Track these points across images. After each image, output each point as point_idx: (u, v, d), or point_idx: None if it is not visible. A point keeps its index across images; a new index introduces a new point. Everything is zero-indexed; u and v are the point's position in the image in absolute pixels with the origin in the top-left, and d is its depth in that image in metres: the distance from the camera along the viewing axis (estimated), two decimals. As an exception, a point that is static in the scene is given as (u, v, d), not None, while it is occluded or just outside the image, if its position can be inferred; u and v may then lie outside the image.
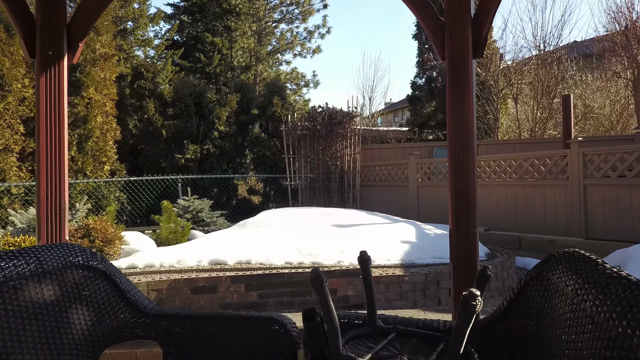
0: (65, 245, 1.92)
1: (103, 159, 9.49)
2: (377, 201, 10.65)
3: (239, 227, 6.84)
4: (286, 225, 6.67)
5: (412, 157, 9.68)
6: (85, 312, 1.96)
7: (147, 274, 4.77)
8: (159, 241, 7.27)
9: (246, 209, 11.26)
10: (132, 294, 2.16)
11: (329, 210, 7.50)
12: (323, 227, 6.64)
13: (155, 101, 10.68)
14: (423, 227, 6.97)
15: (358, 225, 6.84)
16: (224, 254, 5.32)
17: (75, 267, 1.96)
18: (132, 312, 2.14)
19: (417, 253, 5.70)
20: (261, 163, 11.49)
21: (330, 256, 5.43)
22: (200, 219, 8.09)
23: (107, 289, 2.12)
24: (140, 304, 2.13)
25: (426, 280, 4.98)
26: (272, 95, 11.55)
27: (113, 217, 6.69)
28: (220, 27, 14.92)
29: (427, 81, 14.17)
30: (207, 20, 15.02)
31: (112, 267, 2.12)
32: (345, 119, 10.73)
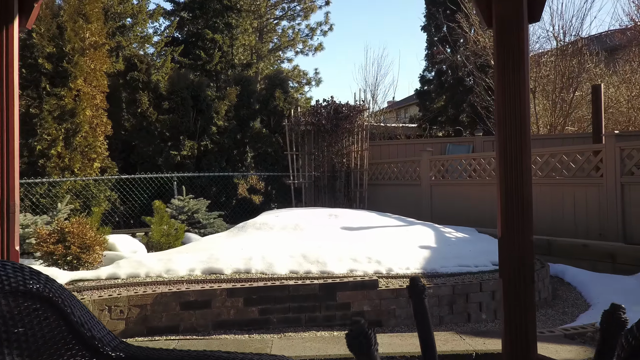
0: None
1: (92, 155, 8.83)
2: (386, 201, 9.98)
3: (238, 230, 6.17)
4: (290, 228, 6.00)
5: (424, 153, 9.01)
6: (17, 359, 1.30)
7: (129, 286, 4.10)
8: (150, 245, 6.61)
9: (246, 210, 10.59)
10: (89, 327, 1.47)
11: (336, 211, 6.83)
12: (331, 231, 5.97)
13: (149, 94, 10.01)
14: (442, 230, 6.29)
15: (370, 228, 6.16)
16: (220, 262, 4.65)
17: (4, 293, 1.30)
18: (87, 353, 1.47)
19: (439, 260, 5.03)
20: (262, 160, 10.82)
21: (341, 264, 4.76)
22: (195, 221, 7.43)
23: (52, 323, 1.44)
24: (99, 342, 1.46)
25: (453, 292, 4.31)
26: (273, 88, 10.88)
27: (98, 219, 6.03)
28: (221, 24, 14.40)
29: (437, 75, 13.50)
30: (208, 17, 14.52)
31: (62, 292, 1.44)
32: (352, 112, 10.06)
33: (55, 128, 8.31)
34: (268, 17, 20.18)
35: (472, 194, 8.16)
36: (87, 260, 4.45)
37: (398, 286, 4.27)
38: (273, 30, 20.80)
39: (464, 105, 12.52)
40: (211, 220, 7.46)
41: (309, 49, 20.87)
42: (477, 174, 8.10)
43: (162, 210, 6.73)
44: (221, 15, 14.48)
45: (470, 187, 8.22)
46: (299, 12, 20.41)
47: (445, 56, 13.24)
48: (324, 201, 10.47)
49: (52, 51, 8.45)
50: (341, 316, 4.14)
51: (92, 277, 4.27)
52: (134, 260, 4.54)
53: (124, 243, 6.29)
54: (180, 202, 7.56)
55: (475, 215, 8.03)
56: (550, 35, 11.10)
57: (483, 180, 7.97)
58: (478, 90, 11.62)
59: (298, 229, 5.96)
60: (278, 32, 20.87)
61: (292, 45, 20.94)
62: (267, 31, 20.44)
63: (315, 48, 20.74)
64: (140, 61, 10.03)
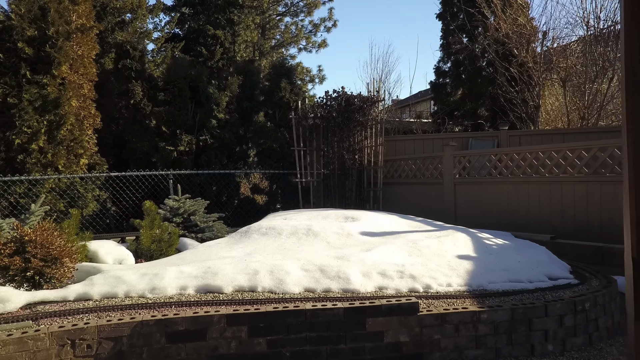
0: None
1: (79, 150, 7.96)
2: (402, 201, 9.08)
3: (241, 236, 5.29)
4: (302, 234, 5.11)
5: (447, 148, 8.10)
6: None
7: (102, 311, 3.22)
8: (139, 252, 5.74)
9: (249, 211, 9.71)
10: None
11: (353, 214, 5.94)
12: (350, 237, 5.09)
13: (143, 84, 9.13)
14: (479, 235, 5.39)
15: (395, 234, 5.27)
16: (218, 278, 3.77)
17: None
18: None
19: (486, 274, 4.13)
20: (267, 157, 9.93)
21: (367, 281, 3.87)
22: (192, 224, 6.55)
23: None
24: None
25: (512, 318, 3.41)
26: (279, 78, 9.99)
27: (77, 223, 5.15)
28: (223, 20, 13.66)
29: (454, 65, 12.56)
30: (209, 12, 13.81)
31: None
32: (366, 104, 9.15)
33: (36, 120, 7.45)
34: (271, 13, 19.63)
35: (503, 194, 7.27)
36: (53, 276, 3.57)
37: (442, 310, 3.38)
38: (276, 27, 20.29)
39: (483, 97, 11.61)
40: (210, 224, 6.58)
41: (312, 45, 20.39)
42: (510, 171, 7.20)
43: (153, 212, 5.85)
44: (223, 11, 13.81)
45: (500, 185, 7.32)
46: (302, 8, 19.93)
47: (462, 46, 12.32)
48: (334, 201, 9.59)
49: (33, 34, 7.58)
50: (372, 349, 3.26)
51: (57, 299, 3.39)
52: (111, 276, 3.65)
53: (108, 251, 5.42)
54: (175, 203, 6.68)
55: (508, 217, 7.13)
56: (579, 21, 10.17)
57: (516, 178, 7.07)
58: (500, 81, 10.71)
59: (311, 235, 5.08)
60: (281, 28, 20.38)
61: (295, 42, 20.46)
62: (270, 27, 19.91)
63: (319, 45, 20.27)
64: (133, 48, 9.15)
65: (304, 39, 20.29)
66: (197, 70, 10.02)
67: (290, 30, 20.26)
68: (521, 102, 10.63)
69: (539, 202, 6.78)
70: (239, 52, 15.41)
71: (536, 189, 6.84)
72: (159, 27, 18.63)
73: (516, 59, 10.59)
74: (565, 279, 4.26)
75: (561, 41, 10.25)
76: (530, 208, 6.88)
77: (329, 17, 19.94)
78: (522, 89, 10.47)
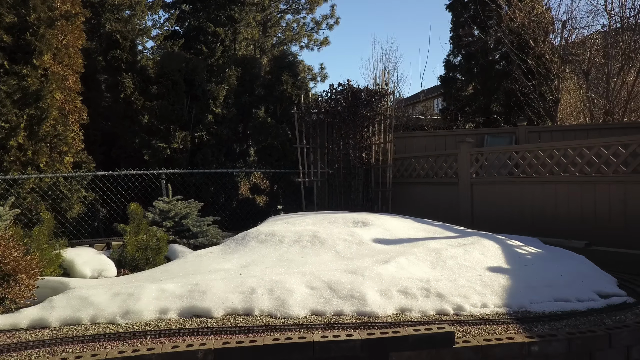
0: None
1: (63, 147, 7.31)
2: (413, 203, 8.43)
3: (237, 244, 4.65)
4: (306, 241, 4.46)
5: (464, 145, 7.44)
6: None
7: (58, 344, 2.57)
8: (122, 261, 5.10)
9: (248, 212, 9.07)
10: None
11: (363, 217, 5.29)
12: (361, 245, 4.44)
13: (134, 77, 8.48)
14: (509, 243, 4.74)
15: (413, 241, 4.61)
16: (207, 297, 3.12)
17: None
18: None
19: (526, 292, 3.48)
20: (267, 155, 9.28)
21: (386, 300, 3.22)
22: (184, 228, 5.90)
23: None
24: None
25: (569, 350, 2.76)
26: (280, 71, 9.33)
27: (49, 229, 4.51)
28: (223, 17, 13.14)
29: (465, 59, 11.89)
30: (210, 10, 13.29)
31: None
32: (374, 98, 8.50)
33: (15, 114, 6.80)
34: (272, 11, 19.13)
35: (527, 195, 6.61)
36: (4, 297, 2.93)
37: (483, 341, 2.73)
38: (277, 24, 19.81)
39: (497, 92, 10.95)
40: (204, 228, 5.92)
41: (314, 43, 19.88)
42: (534, 170, 6.54)
43: (138, 215, 5.21)
44: (223, 9, 13.27)
45: (524, 186, 6.67)
46: (303, 5, 19.44)
47: (474, 38, 11.66)
48: (339, 203, 8.94)
49: (12, 21, 6.93)
50: (396, 391, 2.61)
51: (5, 326, 2.75)
52: (76, 297, 3.01)
53: (86, 260, 4.78)
54: (165, 205, 6.04)
55: (532, 220, 6.48)
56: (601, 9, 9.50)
57: (542, 177, 6.41)
58: (516, 74, 10.04)
59: (317, 243, 4.43)
60: (282, 26, 19.91)
61: (296, 40, 19.97)
62: (271, 25, 19.40)
63: (321, 42, 19.79)
64: (123, 37, 8.51)
65: (305, 37, 19.85)
66: (194, 62, 9.38)
67: (291, 27, 19.82)
68: (538, 97, 9.97)
69: (567, 204, 6.12)
70: (240, 50, 14.87)
71: (564, 189, 6.17)
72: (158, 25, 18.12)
73: (533, 50, 9.93)
74: (618, 297, 3.60)
75: (581, 31, 9.58)
76: (558, 210, 6.22)
77: (331, 15, 19.54)
78: (540, 83, 9.80)
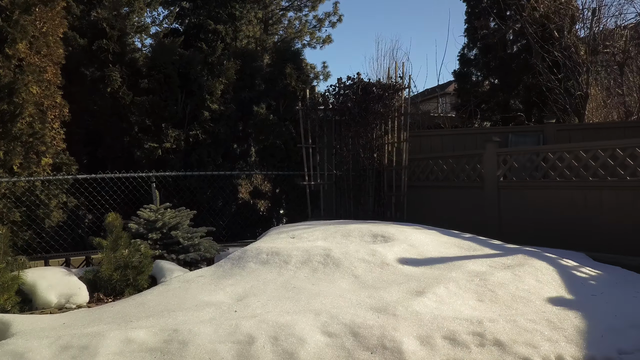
0: None
1: (40, 147, 6.52)
2: (430, 209, 7.62)
3: (232, 265, 3.84)
4: (317, 262, 3.66)
5: (490, 145, 6.63)
6: None
7: None
8: (98, 283, 4.31)
9: (248, 219, 8.29)
10: None
11: (382, 230, 4.48)
12: (385, 267, 3.63)
13: (122, 69, 7.69)
14: (563, 262, 3.92)
15: (446, 262, 3.80)
16: (188, 351, 2.31)
17: None
18: None
19: (608, 336, 2.66)
20: (269, 155, 8.47)
21: (429, 353, 2.41)
22: (173, 241, 5.10)
23: None
24: None
25: None
26: (283, 63, 8.53)
27: (5, 245, 3.72)
28: (224, 14, 12.43)
29: (482, 52, 11.05)
30: (210, 7, 12.57)
31: None
32: (388, 92, 7.69)
33: (-17, 110, 6.03)
34: (273, 8, 18.66)
35: (564, 201, 5.80)
36: None
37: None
38: (279, 22, 19.40)
39: (518, 87, 10.13)
40: (196, 241, 5.12)
41: (317, 41, 19.51)
42: (574, 173, 5.73)
43: (117, 227, 4.42)
44: (224, 6, 12.56)
45: (561, 191, 5.85)
46: (306, 3, 19.11)
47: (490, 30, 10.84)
48: (348, 208, 8.14)
49: (-19, 5, 6.17)
50: None
51: None
52: (8, 353, 2.20)
53: (52, 283, 3.98)
54: (152, 214, 5.24)
55: (574, 231, 5.66)
56: None
57: (584, 181, 5.60)
58: (540, 67, 9.22)
59: (330, 264, 3.62)
60: (284, 23, 19.55)
61: (298, 38, 19.61)
62: (273, 22, 18.96)
63: (323, 40, 19.38)
64: (110, 27, 7.71)
65: (307, 35, 19.47)
66: (189, 54, 8.59)
67: (293, 25, 19.46)
68: (564, 92, 9.14)
69: (616, 212, 5.30)
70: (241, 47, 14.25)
71: (613, 195, 5.36)
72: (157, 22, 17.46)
73: (558, 41, 9.10)
74: None
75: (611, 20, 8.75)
76: (604, 219, 5.40)
77: (334, 12, 19.11)
78: (567, 76, 8.98)
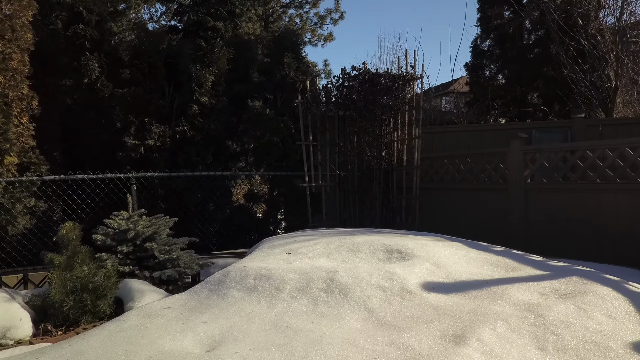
0: None
1: (4, 145, 5.73)
2: (445, 214, 6.81)
3: (210, 292, 3.03)
4: (319, 289, 2.85)
5: (515, 142, 5.81)
6: None
7: None
8: (48, 310, 3.50)
9: (243, 224, 7.49)
10: None
11: (398, 243, 3.66)
12: (406, 296, 2.82)
13: (101, 58, 6.90)
14: (632, 288, 3.09)
15: (483, 287, 2.97)
16: None
17: None
18: None
19: None
20: (265, 154, 7.66)
21: None
22: (148, 255, 4.29)
23: None
24: None
25: None
26: (281, 52, 7.73)
27: None
28: (224, 11, 11.68)
29: (497, 41, 10.23)
30: (209, 4, 11.80)
31: None
32: (398, 83, 6.87)
33: (-64, 101, 5.24)
34: (274, 5, 18.13)
35: (608, 207, 4.97)
36: None
37: None
38: (280, 19, 18.95)
39: (537, 80, 9.31)
40: (174, 255, 4.30)
41: (318, 39, 19.00)
42: (619, 174, 4.91)
43: (73, 240, 3.61)
44: (224, 3, 11.83)
45: (604, 194, 5.03)
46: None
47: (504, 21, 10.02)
48: (353, 213, 7.33)
49: None
50: None
51: None
52: None
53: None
54: (122, 222, 4.42)
55: (615, 241, 4.84)
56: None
57: (632, 184, 4.78)
58: (563, 58, 8.39)
59: (335, 292, 2.80)
60: (285, 21, 19.12)
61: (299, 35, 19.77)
62: (274, 20, 18.49)
63: (325, 38, 18.91)
64: (87, 10, 6.91)
65: (309, 32, 18.91)
66: (179, 43, 7.79)
67: (294, 22, 18.96)
68: (590, 85, 8.32)
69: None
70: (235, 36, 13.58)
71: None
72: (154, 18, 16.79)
73: (584, 30, 8.28)
74: None
75: None
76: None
77: (336, 9, 18.54)
78: (594, 67, 8.15)
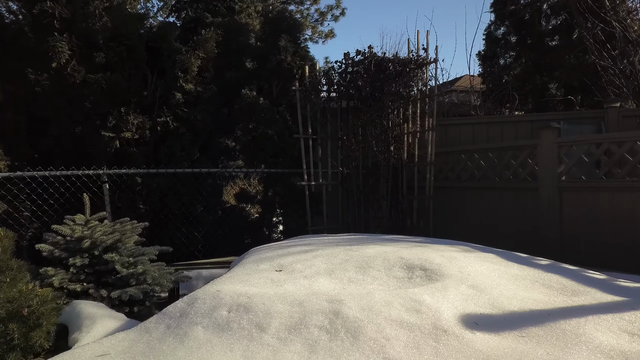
0: None
1: (-47, 137, 4.95)
2: (462, 216, 6.00)
3: (167, 331, 2.20)
4: (316, 329, 2.01)
5: (546, 133, 4.99)
6: None
7: None
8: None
9: (234, 227, 6.67)
10: None
11: (420, 256, 2.85)
12: (441, 339, 1.97)
13: (72, 40, 6.10)
14: None
15: (544, 323, 2.14)
16: None
17: None
18: None
19: None
20: (259, 149, 6.83)
21: None
22: (108, 268, 3.48)
23: None
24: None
25: None
26: (277, 36, 6.91)
27: None
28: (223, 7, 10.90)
29: (514, 27, 9.37)
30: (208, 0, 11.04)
31: None
32: (409, 67, 6.06)
33: None
34: (274, 1, 17.62)
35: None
36: None
37: None
38: None
39: (560, 69, 8.49)
40: (140, 269, 3.48)
41: (319, 36, 18.68)
42: (679, 170, 4.10)
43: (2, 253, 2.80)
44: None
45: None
46: None
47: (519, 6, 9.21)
48: (358, 215, 6.52)
49: None
50: None
51: None
52: None
53: None
54: (77, 228, 3.60)
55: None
56: None
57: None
58: (592, 43, 7.57)
59: (342, 332, 1.99)
60: None
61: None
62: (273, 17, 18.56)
63: (326, 35, 18.56)
64: (57, -15, 6.10)
65: (309, 29, 18.50)
66: (163, 25, 6.99)
67: None
68: (619, 72, 7.50)
69: None
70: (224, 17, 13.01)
71: None
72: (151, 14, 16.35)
73: (611, 12, 7.46)
74: None
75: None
76: None
77: (337, 5, 18.17)
78: (625, 52, 7.34)
